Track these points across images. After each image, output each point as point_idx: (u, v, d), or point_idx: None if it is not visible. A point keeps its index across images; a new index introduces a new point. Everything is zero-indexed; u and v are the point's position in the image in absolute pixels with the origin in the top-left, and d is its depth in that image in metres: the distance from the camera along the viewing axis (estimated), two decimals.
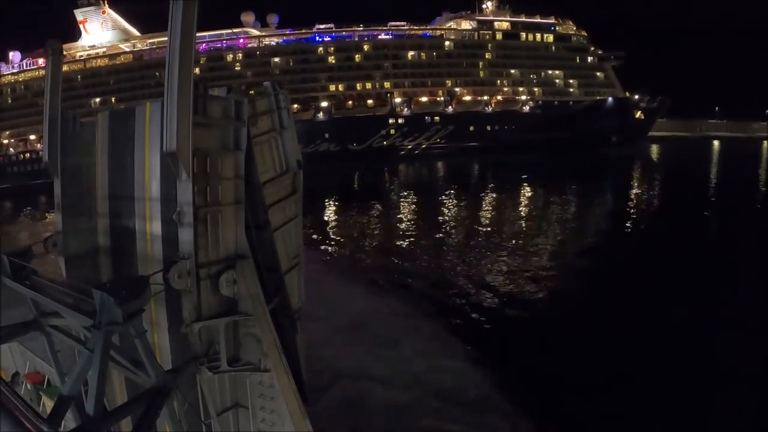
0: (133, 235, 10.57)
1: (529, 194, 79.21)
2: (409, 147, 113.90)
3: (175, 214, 8.93)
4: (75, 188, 11.38)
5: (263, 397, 10.48)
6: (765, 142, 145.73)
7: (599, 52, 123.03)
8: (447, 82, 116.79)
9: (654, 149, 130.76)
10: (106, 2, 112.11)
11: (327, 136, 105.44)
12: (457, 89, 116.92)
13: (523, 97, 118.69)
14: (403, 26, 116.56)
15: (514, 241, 52.89)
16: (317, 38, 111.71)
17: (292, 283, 11.83)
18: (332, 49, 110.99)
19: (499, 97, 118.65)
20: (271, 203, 11.08)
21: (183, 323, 9.27)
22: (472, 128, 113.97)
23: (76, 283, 8.37)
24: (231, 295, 9.50)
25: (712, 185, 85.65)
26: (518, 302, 36.61)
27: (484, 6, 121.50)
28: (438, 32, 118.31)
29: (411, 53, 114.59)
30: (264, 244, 10.81)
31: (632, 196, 77.90)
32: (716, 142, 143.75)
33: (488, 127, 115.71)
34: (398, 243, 53.56)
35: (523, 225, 60.13)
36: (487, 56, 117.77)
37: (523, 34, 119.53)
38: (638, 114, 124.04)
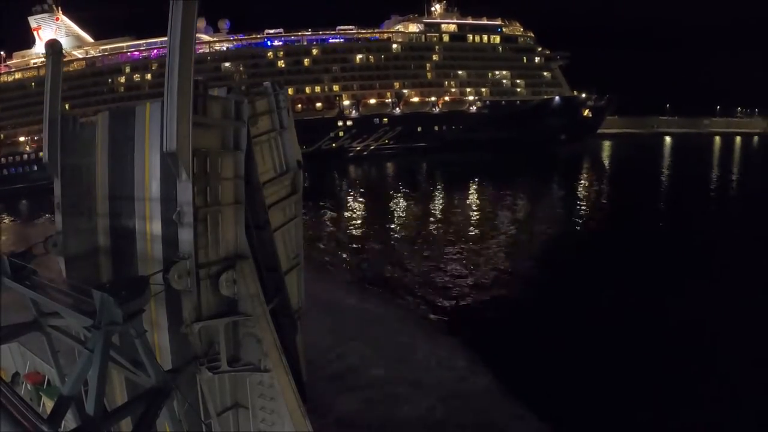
0: (133, 235, 10.57)
1: (477, 192, 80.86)
2: (358, 148, 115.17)
3: (175, 214, 8.92)
4: (75, 188, 11.37)
5: (263, 397, 10.47)
6: (717, 137, 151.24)
7: (546, 52, 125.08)
8: (395, 84, 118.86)
9: (606, 146, 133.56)
10: (59, 9, 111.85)
11: None
12: (405, 91, 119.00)
13: (471, 98, 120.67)
14: (351, 30, 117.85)
15: (456, 237, 54.12)
16: (268, 43, 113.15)
17: (292, 283, 11.83)
18: (282, 53, 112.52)
19: (446, 98, 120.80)
20: (271, 203, 11.08)
21: (183, 323, 9.26)
22: (419, 129, 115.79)
23: (76, 283, 8.38)
24: (231, 295, 9.50)
25: (660, 179, 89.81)
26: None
27: (432, 9, 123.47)
28: (386, 35, 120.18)
29: (359, 56, 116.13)
30: (264, 244, 10.80)
31: (577, 192, 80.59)
32: (668, 138, 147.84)
33: (436, 128, 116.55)
34: (347, 239, 54.63)
35: (470, 222, 61.55)
36: (434, 58, 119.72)
37: (470, 36, 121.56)
38: (586, 112, 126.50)
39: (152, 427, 7.79)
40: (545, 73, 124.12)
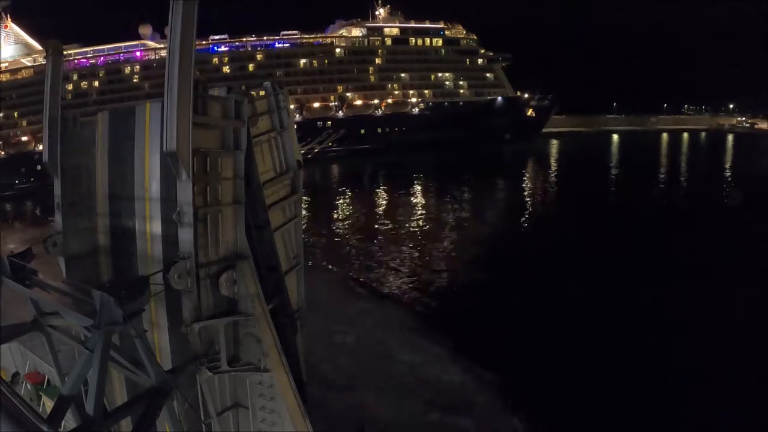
0: (133, 235, 10.57)
1: (420, 192, 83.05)
2: (302, 152, 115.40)
3: (175, 214, 8.92)
4: (75, 188, 11.37)
5: (263, 397, 10.47)
6: (664, 134, 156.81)
7: (490, 54, 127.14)
8: (338, 87, 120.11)
9: (554, 144, 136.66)
10: (8, 17, 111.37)
11: None
12: (348, 94, 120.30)
13: (413, 100, 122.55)
14: (295, 35, 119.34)
15: (397, 234, 56.68)
16: (214, 48, 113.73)
17: (292, 283, 11.83)
18: (226, 59, 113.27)
19: (389, 101, 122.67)
20: (271, 203, 11.08)
21: (183, 323, 9.26)
22: (363, 131, 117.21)
23: (76, 283, 8.36)
24: (231, 295, 9.50)
25: (602, 173, 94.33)
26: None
27: (377, 13, 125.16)
28: (329, 40, 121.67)
29: (303, 61, 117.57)
30: (264, 244, 10.81)
31: (518, 188, 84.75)
32: (615, 136, 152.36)
33: (379, 130, 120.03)
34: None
35: (412, 220, 63.59)
36: (377, 61, 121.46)
37: (413, 39, 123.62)
38: (529, 112, 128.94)
39: (152, 427, 7.79)
40: (488, 75, 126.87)
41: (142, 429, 7.49)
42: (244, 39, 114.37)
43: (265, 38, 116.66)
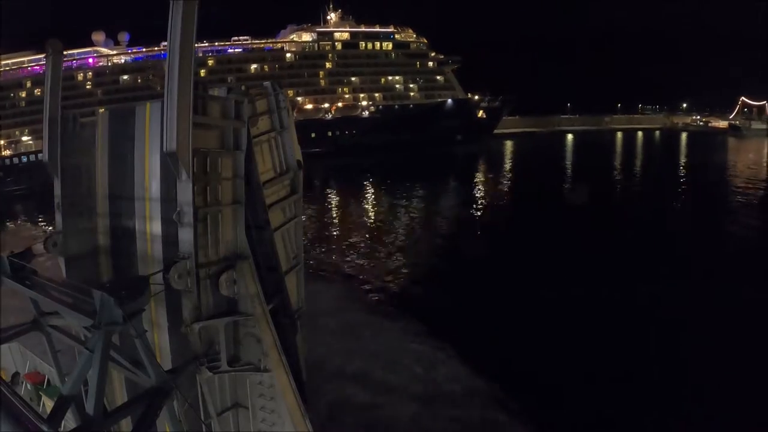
0: (133, 235, 10.57)
1: (372, 193, 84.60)
2: None
3: (175, 214, 8.92)
4: (75, 188, 11.37)
5: (263, 397, 10.47)
6: (619, 133, 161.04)
7: (440, 57, 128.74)
8: (289, 92, 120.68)
9: (508, 145, 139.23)
10: None
11: None
12: (299, 98, 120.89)
13: (364, 103, 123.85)
14: (246, 41, 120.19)
15: (347, 234, 57.51)
16: (166, 55, 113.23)
17: (292, 283, 11.83)
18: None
19: (339, 104, 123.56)
20: (271, 203, 11.08)
21: (183, 323, 9.26)
22: (313, 135, 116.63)
23: (76, 283, 8.37)
24: (231, 295, 9.50)
25: (551, 170, 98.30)
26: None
27: (328, 17, 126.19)
28: (279, 45, 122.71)
29: (254, 66, 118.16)
30: (264, 244, 10.80)
31: (466, 187, 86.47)
32: (570, 136, 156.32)
33: (329, 133, 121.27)
34: None
35: (364, 221, 65.07)
36: (327, 66, 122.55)
37: (363, 44, 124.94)
38: (480, 113, 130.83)
39: (152, 427, 7.79)
40: (438, 77, 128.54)
41: (142, 429, 7.49)
42: (196, 45, 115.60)
43: (216, 44, 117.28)
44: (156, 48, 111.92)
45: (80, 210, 11.37)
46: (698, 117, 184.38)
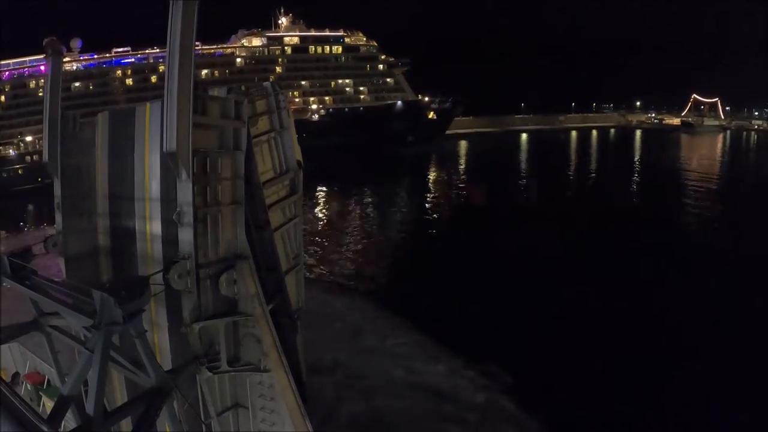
0: (133, 235, 10.56)
1: (323, 195, 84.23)
2: None
3: (175, 214, 8.92)
4: (75, 188, 11.36)
5: (263, 397, 10.47)
6: (573, 132, 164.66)
7: (390, 60, 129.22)
8: None
9: (462, 145, 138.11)
10: None
11: None
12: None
13: (314, 107, 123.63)
14: (197, 46, 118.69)
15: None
16: (117, 61, 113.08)
17: (291, 284, 11.84)
18: (130, 71, 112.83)
19: (290, 108, 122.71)
20: (271, 203, 11.08)
21: (183, 323, 9.26)
22: None
23: (76, 283, 8.36)
24: (231, 295, 9.50)
25: (498, 168, 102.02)
26: None
27: (280, 21, 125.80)
28: (229, 50, 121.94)
29: (204, 71, 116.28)
30: (264, 244, 10.80)
31: (414, 188, 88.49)
32: (524, 135, 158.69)
33: None
34: None
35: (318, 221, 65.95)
36: (277, 70, 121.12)
37: (312, 48, 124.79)
38: (431, 114, 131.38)
39: (152, 427, 7.79)
40: (388, 80, 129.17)
41: (142, 429, 7.49)
42: (147, 51, 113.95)
43: (166, 50, 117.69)
44: (108, 54, 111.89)
45: (80, 210, 11.37)
46: (653, 115, 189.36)
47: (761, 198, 70.14)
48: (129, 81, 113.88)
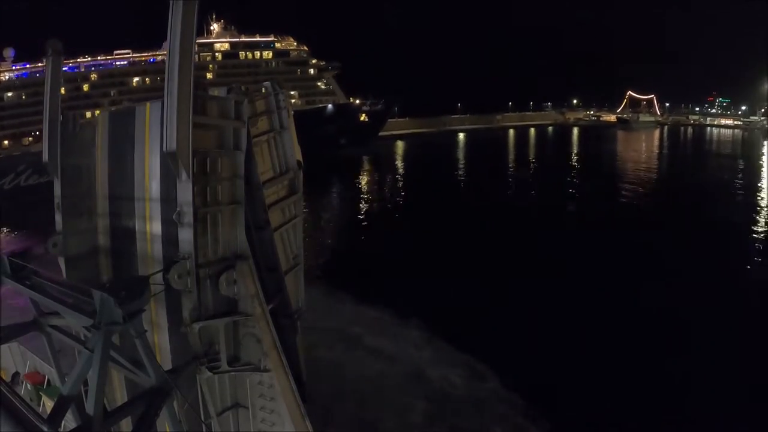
0: (133, 235, 10.56)
1: None
2: None
3: (175, 214, 8.92)
4: (75, 188, 11.36)
5: (263, 397, 10.47)
6: (511, 130, 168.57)
7: (321, 64, 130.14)
8: None
9: (399, 146, 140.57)
10: None
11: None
12: None
13: None
14: (128, 54, 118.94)
15: None
16: (72, 68, 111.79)
17: (292, 283, 11.83)
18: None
19: None
20: (271, 203, 11.08)
21: (183, 323, 9.26)
22: None
23: (76, 283, 8.36)
24: (231, 295, 9.50)
25: (433, 167, 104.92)
26: None
27: (212, 28, 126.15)
28: (160, 57, 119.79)
29: (136, 79, 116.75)
30: (264, 244, 10.80)
31: (344, 189, 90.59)
32: (461, 135, 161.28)
33: None
34: None
35: None
36: (208, 76, 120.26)
37: (243, 53, 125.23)
38: (363, 117, 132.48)
39: (152, 427, 7.79)
40: (319, 84, 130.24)
41: (142, 429, 7.49)
42: (78, 60, 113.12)
43: (99, 58, 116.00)
44: (41, 64, 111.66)
45: (80, 210, 11.37)
46: (591, 112, 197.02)
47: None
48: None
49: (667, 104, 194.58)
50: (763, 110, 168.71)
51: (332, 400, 20.50)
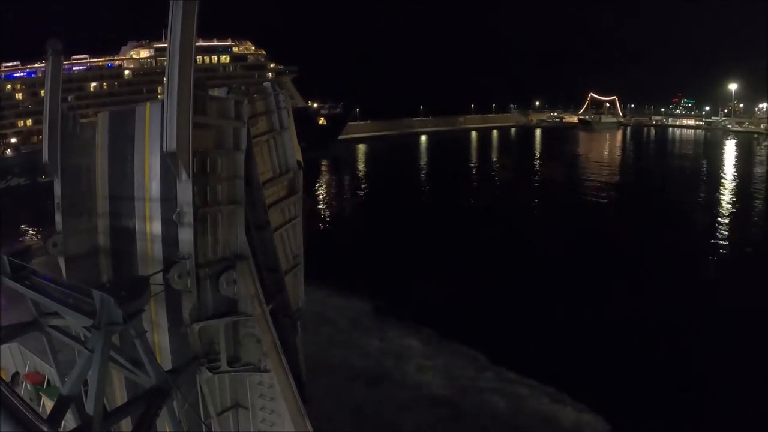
0: (133, 235, 10.57)
1: None
2: None
3: (175, 214, 8.92)
4: (75, 188, 11.36)
5: (263, 397, 10.47)
6: (473, 132, 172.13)
7: (279, 68, 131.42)
8: None
9: (360, 149, 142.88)
10: None
11: (17, 171, 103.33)
12: None
13: None
14: (85, 59, 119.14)
15: None
16: (11, 75, 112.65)
17: (292, 284, 11.84)
18: (19, 85, 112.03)
19: None
20: (271, 203, 11.09)
21: (183, 323, 9.27)
22: None
23: (76, 283, 8.36)
24: (231, 296, 9.50)
25: (391, 167, 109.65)
26: None
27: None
28: (117, 62, 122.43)
29: (93, 84, 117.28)
30: (264, 244, 10.81)
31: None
32: (423, 137, 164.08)
33: None
34: None
35: None
36: (165, 81, 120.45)
37: (200, 58, 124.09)
38: (321, 120, 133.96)
39: (152, 427, 7.79)
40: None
41: (142, 429, 7.49)
42: (36, 65, 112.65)
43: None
44: (10, 64, 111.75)
45: (80, 210, 11.37)
46: (554, 113, 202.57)
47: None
48: (19, 95, 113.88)
49: (632, 105, 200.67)
50: (726, 110, 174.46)
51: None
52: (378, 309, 33.53)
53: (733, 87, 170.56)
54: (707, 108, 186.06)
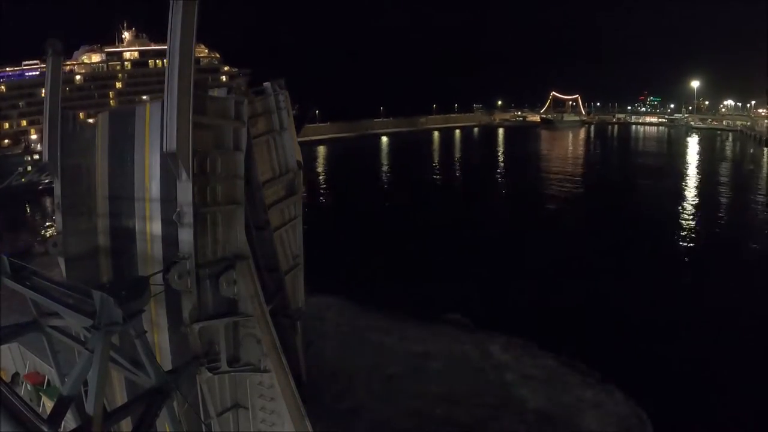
0: (133, 235, 10.56)
1: None
2: (47, 181, 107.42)
3: (175, 214, 8.92)
4: (75, 188, 11.35)
5: (263, 397, 10.47)
6: (436, 132, 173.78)
7: (233, 71, 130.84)
8: (80, 114, 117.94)
9: (320, 150, 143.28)
10: None
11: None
12: (90, 120, 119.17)
13: None
14: (35, 65, 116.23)
15: None
16: None
17: (292, 284, 11.83)
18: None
19: None
20: (271, 203, 11.08)
21: (183, 323, 9.26)
22: None
23: (76, 284, 8.35)
24: (231, 296, 9.49)
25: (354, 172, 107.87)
26: None
27: (123, 36, 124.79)
28: (68, 67, 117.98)
29: (44, 90, 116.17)
30: (264, 245, 10.80)
31: None
32: (384, 138, 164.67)
33: None
34: None
35: None
36: (117, 85, 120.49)
37: (152, 62, 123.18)
38: None
39: (152, 427, 7.79)
40: None
41: (142, 429, 7.49)
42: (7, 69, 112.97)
43: (7, 69, 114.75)
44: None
45: (80, 210, 11.36)
46: (518, 113, 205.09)
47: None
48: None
49: (598, 104, 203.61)
50: (690, 108, 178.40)
51: None
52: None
53: (695, 84, 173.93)
54: (672, 105, 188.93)
